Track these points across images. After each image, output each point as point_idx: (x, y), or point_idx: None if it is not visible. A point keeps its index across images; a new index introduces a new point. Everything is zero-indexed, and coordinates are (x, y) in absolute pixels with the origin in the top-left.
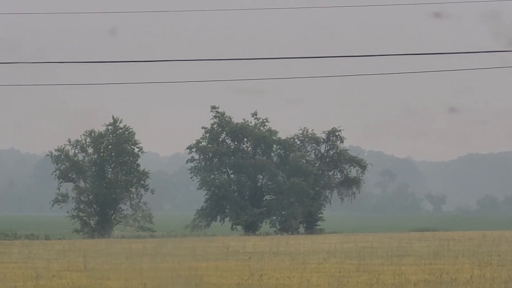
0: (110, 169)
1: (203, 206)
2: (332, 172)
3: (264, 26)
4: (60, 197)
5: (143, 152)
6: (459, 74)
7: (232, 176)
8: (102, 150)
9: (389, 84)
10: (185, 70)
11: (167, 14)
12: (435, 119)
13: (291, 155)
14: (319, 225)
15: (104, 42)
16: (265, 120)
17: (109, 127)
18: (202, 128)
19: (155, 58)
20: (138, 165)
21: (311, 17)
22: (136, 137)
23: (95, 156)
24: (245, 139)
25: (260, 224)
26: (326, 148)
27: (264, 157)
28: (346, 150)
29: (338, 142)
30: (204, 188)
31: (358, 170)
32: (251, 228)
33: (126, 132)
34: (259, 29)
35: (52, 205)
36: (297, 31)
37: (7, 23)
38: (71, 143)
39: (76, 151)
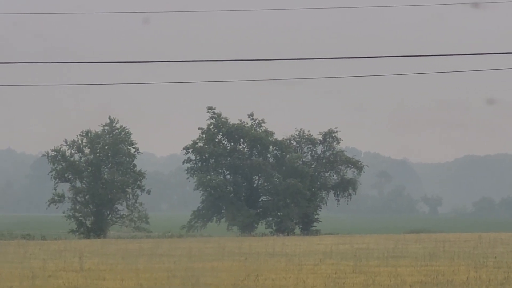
0: (106, 170)
1: (199, 206)
2: (328, 173)
3: (261, 27)
4: (56, 197)
5: (140, 152)
6: (454, 75)
7: (228, 177)
8: (98, 151)
9: (385, 85)
10: (182, 70)
11: (166, 15)
12: (432, 121)
13: (287, 156)
14: (315, 226)
15: (100, 44)
16: (261, 121)
17: (106, 128)
18: (199, 129)
19: (151, 59)
20: (135, 166)
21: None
22: (133, 137)
23: (91, 156)
24: (242, 140)
25: (256, 225)
26: (323, 149)
27: (260, 158)
28: (343, 151)
29: (335, 143)
30: (200, 188)
31: (354, 172)
32: (247, 229)
33: (123, 133)
34: (256, 30)
35: (48, 205)
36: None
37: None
38: (68, 143)
39: (73, 152)
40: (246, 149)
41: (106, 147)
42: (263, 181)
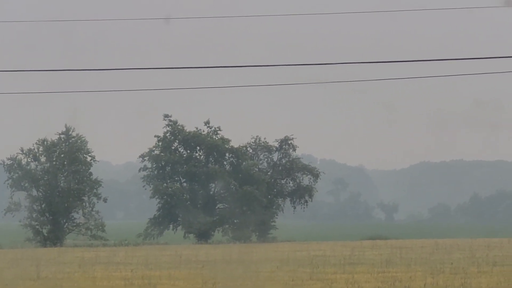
0: (62, 178)
1: (155, 214)
2: (284, 180)
3: (215, 33)
4: (12, 206)
5: (96, 160)
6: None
7: (184, 184)
8: (54, 159)
9: (343, 91)
10: (138, 78)
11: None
12: (386, 128)
13: (244, 163)
14: (272, 234)
15: (56, 50)
16: (217, 129)
17: (62, 136)
18: (155, 136)
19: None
20: (91, 174)
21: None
22: (89, 145)
23: (48, 165)
24: (198, 148)
25: (212, 233)
26: (279, 157)
27: (217, 166)
28: (299, 158)
29: (291, 150)
30: (156, 196)
31: (311, 179)
32: (203, 236)
33: (79, 141)
34: (210, 36)
35: (5, 214)
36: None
37: None
38: (24, 151)
39: (29, 160)
40: (202, 156)
41: (62, 156)
42: (219, 188)
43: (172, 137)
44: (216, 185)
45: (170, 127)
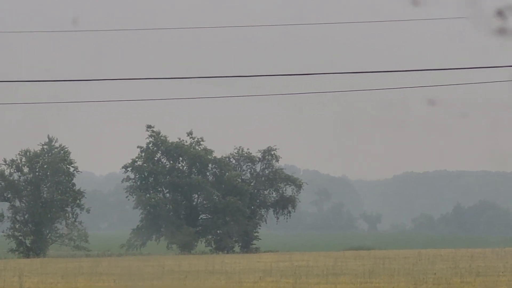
0: (45, 189)
1: (138, 225)
2: (267, 191)
3: (197, 43)
4: None
5: (78, 171)
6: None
7: (167, 195)
8: (37, 170)
9: (326, 102)
10: (120, 88)
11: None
12: (371, 138)
13: (227, 174)
14: (255, 244)
15: (35, 61)
16: (200, 139)
17: (45, 147)
18: (138, 147)
19: (88, 77)
20: (74, 185)
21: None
22: (71, 156)
23: (31, 175)
24: (181, 158)
25: (195, 243)
26: (262, 167)
27: (200, 176)
28: (282, 169)
29: (274, 161)
30: (139, 207)
31: (294, 189)
32: (186, 247)
33: (62, 152)
34: (194, 47)
35: None
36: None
37: None
38: (6, 162)
39: (12, 171)
40: (185, 167)
41: (45, 166)
42: (202, 199)
43: (155, 148)
44: (199, 196)
45: (153, 137)
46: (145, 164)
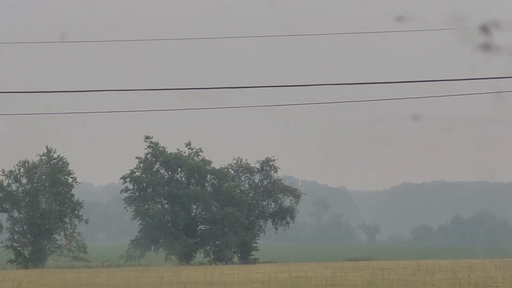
0: (44, 199)
1: (137, 236)
2: (266, 201)
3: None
4: None
5: (77, 182)
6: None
7: (166, 206)
8: (36, 181)
9: (322, 113)
10: (118, 99)
11: (101, 44)
12: (368, 149)
13: (225, 185)
14: (253, 255)
15: (31, 72)
16: (199, 150)
17: (43, 157)
18: (136, 158)
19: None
20: (72, 195)
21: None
22: (70, 167)
23: (29, 186)
24: (179, 169)
25: (194, 254)
26: (260, 178)
27: (198, 187)
28: (280, 179)
29: (272, 171)
30: (138, 218)
31: (292, 200)
32: (185, 258)
33: (60, 162)
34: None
35: None
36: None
37: None
38: (5, 173)
39: (10, 181)
40: (183, 178)
41: (43, 177)
42: (201, 210)
43: (153, 159)
44: (198, 207)
45: (151, 148)
46: (143, 175)
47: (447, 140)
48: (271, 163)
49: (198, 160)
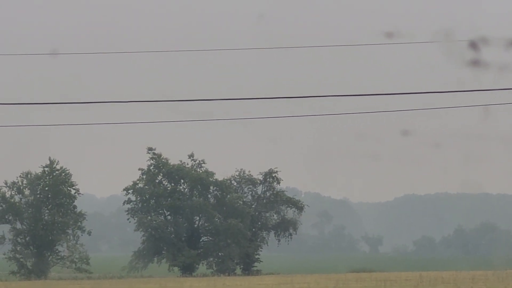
0: (46, 211)
1: (140, 247)
2: (269, 213)
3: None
4: None
5: (80, 193)
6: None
7: (169, 217)
8: (38, 192)
9: (325, 124)
10: (121, 111)
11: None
12: (370, 161)
13: (228, 196)
14: (256, 266)
15: (39, 83)
16: (201, 162)
17: (46, 169)
18: (139, 169)
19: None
20: (75, 207)
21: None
22: (73, 178)
23: (32, 197)
24: (182, 181)
25: (197, 266)
26: (263, 190)
27: (201, 199)
28: (283, 191)
29: (275, 183)
30: (141, 229)
31: (295, 211)
32: (188, 269)
33: (63, 174)
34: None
35: None
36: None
37: None
38: (8, 184)
39: (13, 193)
40: (186, 189)
41: (46, 189)
42: (204, 221)
43: (156, 170)
44: (201, 218)
45: (154, 160)
46: (146, 187)
47: (448, 153)
48: (274, 175)
49: (201, 171)
